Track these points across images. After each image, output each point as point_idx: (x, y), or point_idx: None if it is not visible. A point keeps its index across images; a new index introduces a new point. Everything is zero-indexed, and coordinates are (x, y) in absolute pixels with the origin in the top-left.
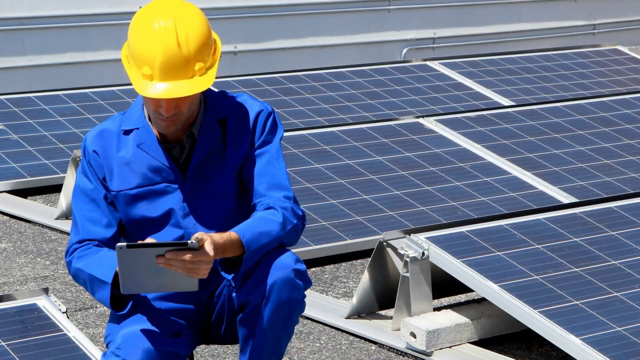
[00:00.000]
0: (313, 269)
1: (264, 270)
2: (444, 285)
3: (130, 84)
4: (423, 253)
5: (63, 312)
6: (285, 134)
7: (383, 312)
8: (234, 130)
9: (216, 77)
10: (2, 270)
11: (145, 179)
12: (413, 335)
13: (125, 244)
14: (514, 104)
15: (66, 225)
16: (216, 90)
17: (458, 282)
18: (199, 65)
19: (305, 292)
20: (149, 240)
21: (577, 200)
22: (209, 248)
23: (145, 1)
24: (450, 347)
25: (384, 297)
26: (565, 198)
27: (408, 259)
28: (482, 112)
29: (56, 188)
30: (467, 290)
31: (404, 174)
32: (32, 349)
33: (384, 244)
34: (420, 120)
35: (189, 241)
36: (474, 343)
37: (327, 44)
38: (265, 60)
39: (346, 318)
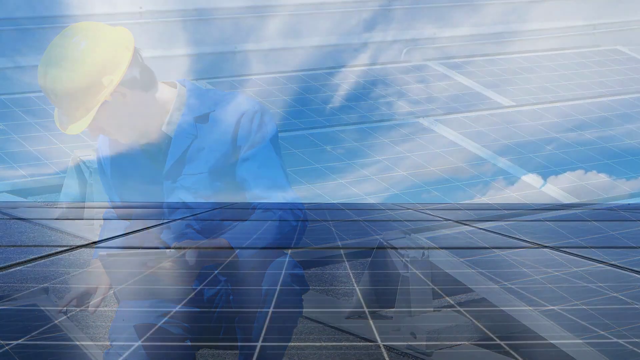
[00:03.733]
0: (313, 269)
1: (260, 274)
2: (443, 285)
3: None
4: (423, 253)
5: (63, 312)
6: (286, 134)
7: (383, 312)
8: (214, 128)
9: (217, 77)
10: None
11: (129, 179)
12: (413, 335)
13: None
14: (514, 104)
15: (66, 225)
16: (211, 87)
17: (458, 282)
18: (74, 108)
19: (303, 296)
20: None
21: (577, 201)
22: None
23: (144, 1)
24: (450, 347)
25: (384, 297)
26: (565, 198)
27: (408, 259)
28: (482, 112)
29: (56, 188)
30: (467, 290)
31: (404, 174)
32: (32, 349)
33: (384, 244)
34: (420, 120)
35: (167, 250)
36: (474, 343)
37: (327, 44)
38: (265, 60)
39: (346, 318)
